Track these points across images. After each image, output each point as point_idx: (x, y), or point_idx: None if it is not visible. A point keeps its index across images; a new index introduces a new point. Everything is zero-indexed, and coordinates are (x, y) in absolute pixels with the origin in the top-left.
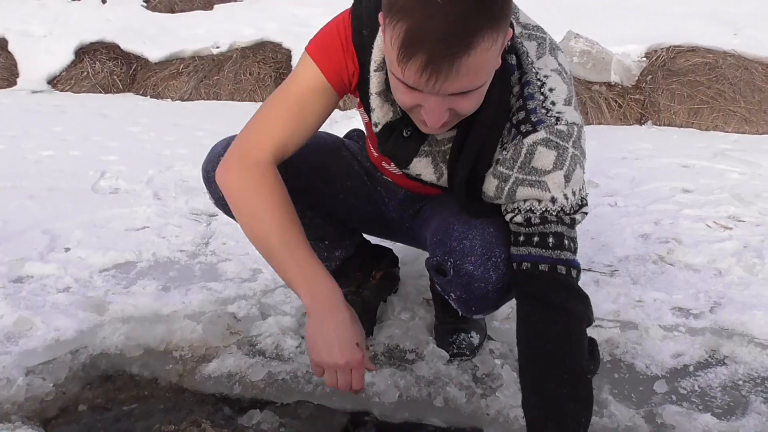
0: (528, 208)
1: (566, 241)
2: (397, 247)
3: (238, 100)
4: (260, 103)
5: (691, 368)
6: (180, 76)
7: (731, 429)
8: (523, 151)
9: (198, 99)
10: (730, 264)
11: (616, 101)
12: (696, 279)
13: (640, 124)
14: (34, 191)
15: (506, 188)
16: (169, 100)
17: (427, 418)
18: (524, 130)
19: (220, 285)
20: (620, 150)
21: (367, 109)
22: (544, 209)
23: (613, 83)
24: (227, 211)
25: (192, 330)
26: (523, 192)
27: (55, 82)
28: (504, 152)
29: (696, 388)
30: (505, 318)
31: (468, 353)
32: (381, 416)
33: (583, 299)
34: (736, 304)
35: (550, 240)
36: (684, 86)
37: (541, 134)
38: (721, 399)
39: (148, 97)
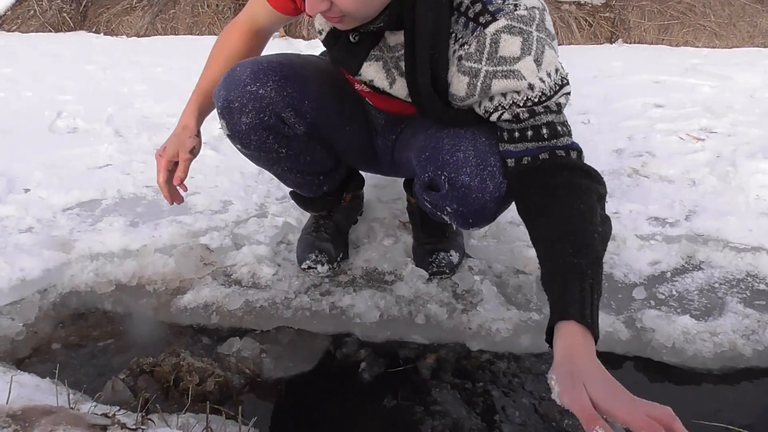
0: (511, 102)
1: (559, 128)
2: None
3: (198, 34)
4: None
5: (669, 274)
6: (134, 11)
7: (709, 329)
8: (487, 41)
9: (155, 35)
10: (703, 174)
11: (586, 20)
12: (671, 190)
13: (611, 42)
14: None
15: (478, 83)
16: (125, 36)
17: (408, 335)
18: (484, 21)
19: (190, 218)
20: (591, 69)
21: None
22: (525, 99)
23: (582, 2)
24: (242, 147)
25: (164, 264)
26: (498, 85)
27: (0, 22)
28: (466, 47)
29: (674, 292)
30: (482, 236)
31: (447, 271)
32: (363, 337)
33: (589, 174)
34: (710, 211)
35: (544, 131)
36: (654, 2)
37: (501, 22)
38: (699, 302)
39: (102, 34)
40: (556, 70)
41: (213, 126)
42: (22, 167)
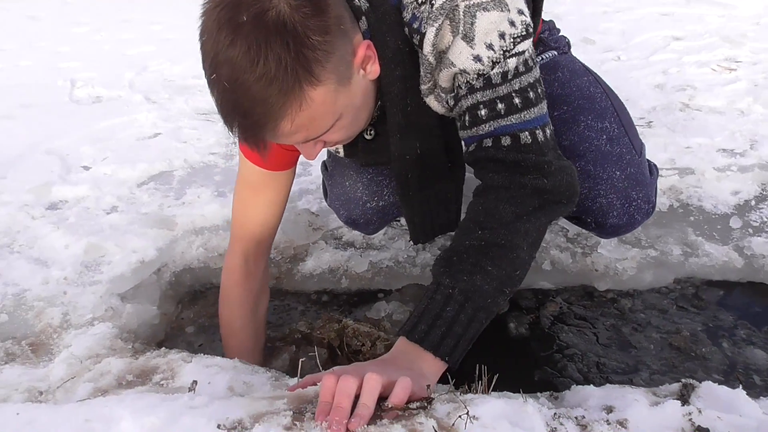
0: (457, 85)
1: (501, 105)
2: None
3: None
4: None
5: (753, 202)
6: None
7: None
8: (430, 59)
9: None
10: (748, 103)
11: None
12: (725, 121)
13: None
14: (7, 110)
15: (433, 87)
16: None
17: (536, 282)
18: (417, 42)
19: None
20: (598, 4)
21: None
22: (465, 82)
23: None
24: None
25: None
26: (442, 78)
27: None
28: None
29: (764, 218)
30: None
31: None
32: None
33: (533, 168)
34: None
35: (482, 112)
36: None
37: (429, 31)
38: None
39: None
40: (501, 34)
41: None
42: (67, 143)
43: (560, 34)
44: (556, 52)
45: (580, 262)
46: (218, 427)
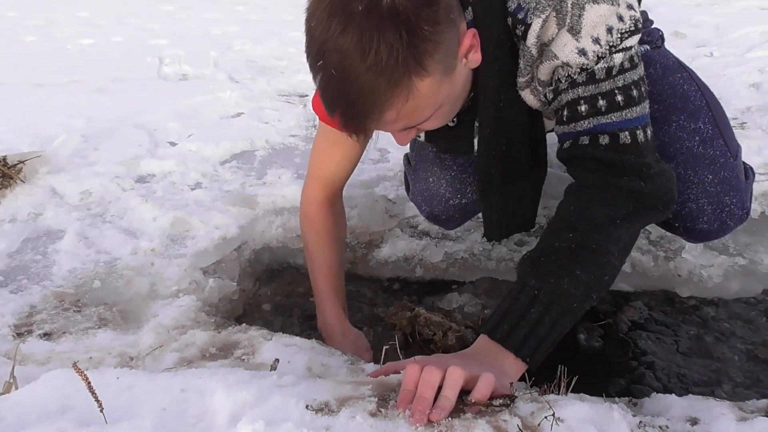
0: (557, 78)
1: (602, 102)
2: None
3: None
4: None
5: None
6: None
7: None
8: (533, 51)
9: None
10: None
11: None
12: None
13: None
14: (99, 84)
15: (530, 80)
16: None
17: (614, 284)
18: (521, 33)
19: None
20: None
21: None
22: (566, 75)
23: None
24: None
25: (348, 217)
26: (542, 70)
27: None
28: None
29: None
30: None
31: None
32: None
33: (631, 170)
34: None
35: (582, 108)
36: None
37: (535, 22)
38: None
39: None
40: (609, 29)
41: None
42: (154, 119)
43: (653, 26)
44: (648, 47)
45: (662, 266)
46: (306, 407)
